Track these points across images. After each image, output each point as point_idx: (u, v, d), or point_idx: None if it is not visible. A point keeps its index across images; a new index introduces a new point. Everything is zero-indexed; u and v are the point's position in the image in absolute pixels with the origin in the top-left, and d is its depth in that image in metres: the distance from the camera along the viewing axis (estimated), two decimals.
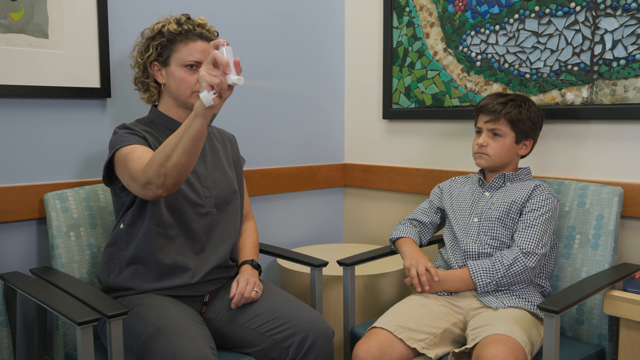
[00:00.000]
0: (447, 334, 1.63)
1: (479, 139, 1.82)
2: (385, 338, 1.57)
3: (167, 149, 1.39)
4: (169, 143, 1.39)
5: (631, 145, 1.84)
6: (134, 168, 1.49)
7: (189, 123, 1.36)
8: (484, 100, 1.83)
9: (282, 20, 2.44)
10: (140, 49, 1.71)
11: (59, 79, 1.84)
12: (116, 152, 1.56)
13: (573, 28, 1.92)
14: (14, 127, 1.78)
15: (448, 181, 1.99)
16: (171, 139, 1.40)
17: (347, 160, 2.73)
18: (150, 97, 1.73)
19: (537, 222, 1.70)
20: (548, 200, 1.74)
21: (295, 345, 1.55)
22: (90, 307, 1.37)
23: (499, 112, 1.77)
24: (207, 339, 1.50)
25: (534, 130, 1.81)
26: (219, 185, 1.73)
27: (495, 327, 1.51)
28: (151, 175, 1.42)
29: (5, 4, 1.72)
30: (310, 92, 2.58)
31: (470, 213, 1.83)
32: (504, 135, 1.79)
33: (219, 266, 1.71)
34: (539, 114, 1.82)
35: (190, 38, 1.65)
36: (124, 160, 1.53)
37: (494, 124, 1.79)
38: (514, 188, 1.80)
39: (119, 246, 1.65)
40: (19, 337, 1.83)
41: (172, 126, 1.70)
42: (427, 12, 2.32)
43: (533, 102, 1.82)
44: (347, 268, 1.85)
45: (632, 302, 1.49)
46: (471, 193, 1.88)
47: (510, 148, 1.80)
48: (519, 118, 1.77)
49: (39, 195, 1.82)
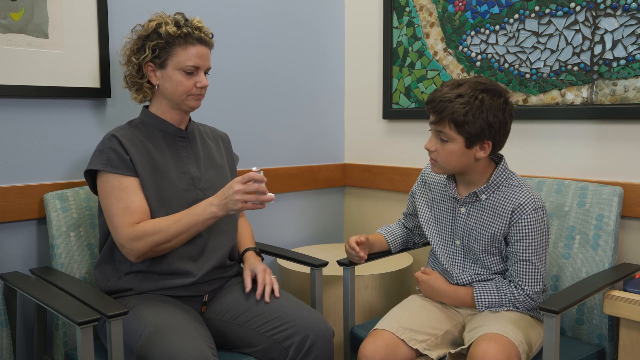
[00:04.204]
0: (448, 336, 1.63)
1: (427, 141, 1.58)
2: (390, 338, 1.56)
3: (169, 233, 1.51)
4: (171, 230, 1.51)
5: (631, 145, 1.84)
6: (115, 219, 1.56)
7: (203, 221, 1.53)
8: (434, 92, 1.54)
9: (282, 20, 2.44)
10: (132, 47, 1.66)
11: (59, 79, 1.84)
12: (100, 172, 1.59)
13: (573, 28, 1.92)
14: (14, 127, 1.78)
15: (418, 182, 1.81)
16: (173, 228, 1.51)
17: (347, 160, 2.73)
18: (144, 97, 1.71)
19: (532, 254, 1.56)
20: (532, 223, 1.54)
21: (295, 345, 1.55)
22: (90, 307, 1.37)
23: (442, 112, 1.49)
24: (207, 339, 1.50)
25: (489, 130, 1.50)
26: (213, 186, 1.72)
27: (489, 326, 1.51)
28: (140, 247, 1.52)
29: (5, 4, 1.72)
30: (310, 92, 2.58)
31: (450, 234, 1.69)
32: (451, 139, 1.51)
33: (218, 266, 1.71)
34: (499, 108, 1.49)
35: (189, 42, 1.62)
36: (108, 193, 1.58)
37: (438, 125, 1.52)
38: (491, 204, 1.59)
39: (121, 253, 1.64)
40: (19, 337, 1.83)
41: (164, 127, 1.69)
42: (427, 12, 2.32)
43: (494, 93, 1.50)
44: (347, 268, 1.85)
45: (632, 302, 1.49)
46: (445, 205, 1.69)
47: (461, 154, 1.53)
48: (464, 120, 1.47)
49: (39, 195, 1.82)
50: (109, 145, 1.60)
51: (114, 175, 1.58)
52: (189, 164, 1.70)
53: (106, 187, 1.59)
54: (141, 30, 1.65)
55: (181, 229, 1.52)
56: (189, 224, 1.53)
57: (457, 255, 1.69)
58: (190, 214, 1.54)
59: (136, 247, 1.53)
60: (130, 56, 1.67)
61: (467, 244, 1.66)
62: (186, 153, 1.71)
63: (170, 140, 1.70)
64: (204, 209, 1.53)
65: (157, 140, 1.68)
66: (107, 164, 1.58)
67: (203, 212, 1.53)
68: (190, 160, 1.71)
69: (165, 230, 1.52)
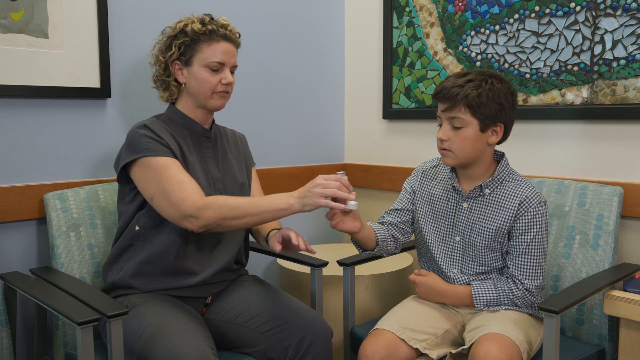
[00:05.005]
0: (448, 335, 1.63)
1: (439, 131, 1.59)
2: (391, 338, 1.57)
3: (240, 210, 1.46)
4: (242, 208, 1.46)
5: (631, 145, 1.84)
6: (174, 194, 1.50)
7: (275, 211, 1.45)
8: (442, 83, 1.58)
9: (282, 20, 2.44)
10: (161, 47, 1.69)
11: (58, 79, 1.84)
12: (141, 158, 1.55)
13: (573, 28, 1.92)
14: (14, 127, 1.78)
15: (416, 178, 1.78)
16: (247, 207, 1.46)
17: (347, 160, 2.73)
18: (170, 96, 1.71)
19: (534, 247, 1.57)
20: (537, 216, 1.58)
21: (294, 345, 1.56)
22: (90, 307, 1.37)
23: (455, 96, 1.52)
24: (208, 339, 1.50)
25: (501, 112, 1.55)
26: (228, 189, 1.73)
27: (490, 326, 1.51)
28: (208, 216, 1.47)
29: (5, 4, 1.72)
30: (310, 92, 2.58)
31: (450, 230, 1.67)
32: (465, 124, 1.54)
33: (224, 269, 1.71)
34: (507, 91, 1.56)
35: (214, 38, 1.64)
36: (154, 175, 1.53)
37: (452, 111, 1.54)
38: (495, 198, 1.61)
39: (136, 247, 1.63)
40: (19, 337, 1.83)
41: (191, 126, 1.69)
42: (427, 12, 2.32)
43: (500, 78, 1.57)
44: (347, 268, 1.85)
45: (632, 302, 1.49)
46: (446, 201, 1.68)
47: (476, 139, 1.55)
48: (479, 102, 1.51)
49: (39, 195, 1.82)
50: (143, 134, 1.58)
51: (156, 158, 1.55)
52: (210, 164, 1.71)
53: (149, 171, 1.54)
54: (169, 31, 1.68)
55: (254, 209, 1.45)
56: (263, 207, 1.45)
57: (456, 252, 1.68)
58: (265, 199, 1.48)
59: (204, 216, 1.47)
60: (158, 56, 1.69)
61: (469, 240, 1.65)
62: (209, 153, 1.72)
63: (196, 140, 1.70)
64: (281, 198, 1.46)
65: (185, 138, 1.68)
66: (146, 149, 1.55)
67: (280, 200, 1.46)
68: (212, 161, 1.72)
69: (237, 207, 1.46)
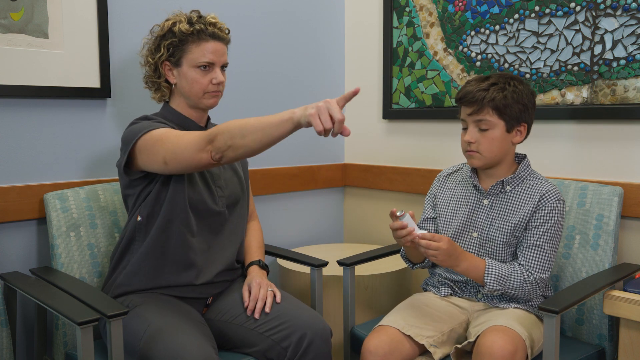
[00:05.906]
0: (453, 334, 1.63)
1: (465, 134, 1.64)
2: (395, 334, 1.57)
3: (245, 128, 1.38)
4: (249, 124, 1.38)
5: (631, 145, 1.84)
6: (182, 141, 1.45)
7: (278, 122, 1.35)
8: (464, 88, 1.64)
9: (282, 20, 2.44)
10: (150, 47, 1.68)
11: (59, 79, 1.84)
12: (141, 137, 1.53)
13: (573, 28, 1.92)
14: (14, 127, 1.78)
15: (437, 182, 1.83)
16: (252, 122, 1.38)
17: (347, 160, 2.73)
18: (162, 96, 1.72)
19: (546, 241, 1.59)
20: (554, 211, 1.61)
21: (293, 344, 1.55)
22: (90, 307, 1.37)
23: (482, 100, 1.58)
24: (210, 339, 1.50)
25: (525, 112, 1.62)
26: (229, 186, 1.73)
27: (496, 320, 1.52)
28: (219, 143, 1.39)
29: (5, 4, 1.72)
30: (310, 92, 2.58)
31: (468, 226, 1.69)
32: (492, 126, 1.60)
33: (225, 269, 1.71)
34: (528, 92, 1.63)
35: (202, 38, 1.63)
36: (156, 142, 1.50)
37: (479, 114, 1.60)
38: (516, 195, 1.65)
39: (138, 239, 1.63)
40: (19, 337, 1.83)
41: (186, 124, 1.69)
42: (427, 12, 2.32)
43: (520, 80, 1.63)
44: (347, 268, 1.85)
45: (632, 302, 1.49)
46: (466, 199, 1.72)
47: (502, 139, 1.62)
48: (505, 103, 1.58)
49: (39, 195, 1.82)
50: (139, 119, 1.59)
51: (154, 130, 1.52)
52: None
53: (152, 142, 1.51)
54: (158, 30, 1.67)
55: (258, 124, 1.38)
56: (266, 121, 1.38)
57: (471, 248, 1.69)
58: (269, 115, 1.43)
59: (215, 137, 1.41)
60: (147, 56, 1.69)
61: (487, 235, 1.66)
62: None
63: None
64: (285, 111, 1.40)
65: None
66: (143, 127, 1.54)
67: (283, 113, 1.39)
68: None
69: (241, 125, 1.40)
